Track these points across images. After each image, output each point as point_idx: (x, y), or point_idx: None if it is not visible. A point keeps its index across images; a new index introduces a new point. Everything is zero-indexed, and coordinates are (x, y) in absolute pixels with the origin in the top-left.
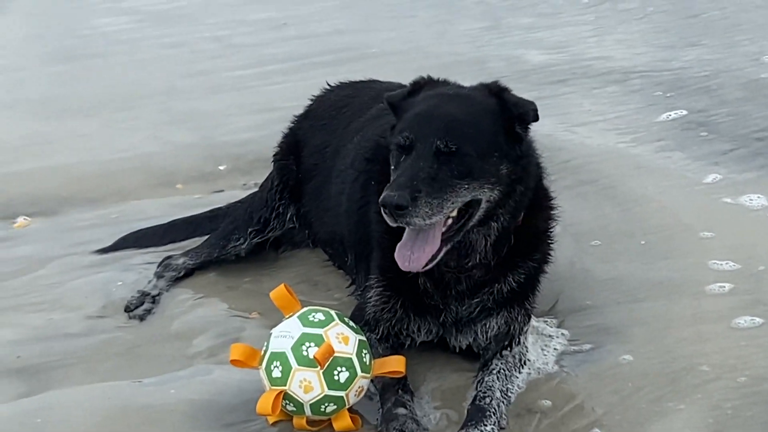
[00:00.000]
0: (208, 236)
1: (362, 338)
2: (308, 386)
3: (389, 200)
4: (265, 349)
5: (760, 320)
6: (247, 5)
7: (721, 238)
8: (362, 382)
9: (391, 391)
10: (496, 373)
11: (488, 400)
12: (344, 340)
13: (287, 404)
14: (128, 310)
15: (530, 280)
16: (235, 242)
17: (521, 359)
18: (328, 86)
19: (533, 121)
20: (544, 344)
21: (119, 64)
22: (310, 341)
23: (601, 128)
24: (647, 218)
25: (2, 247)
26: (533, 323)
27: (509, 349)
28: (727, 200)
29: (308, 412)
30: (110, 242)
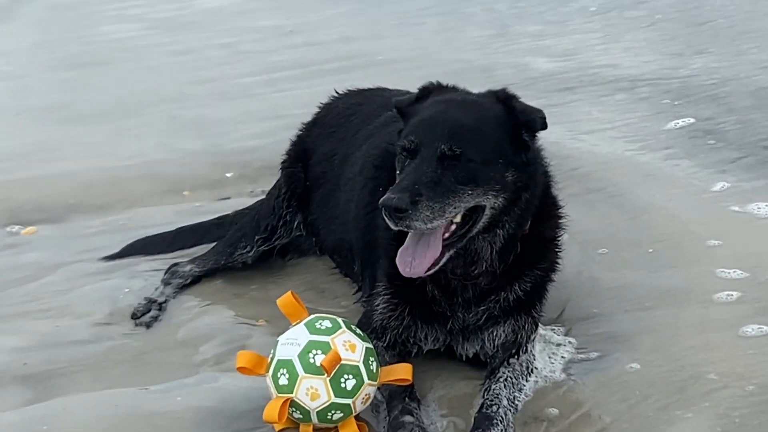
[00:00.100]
0: (215, 244)
1: (369, 346)
2: (315, 394)
3: (389, 202)
4: (271, 356)
5: (767, 329)
6: (254, 12)
7: (728, 246)
8: (369, 389)
9: (398, 398)
10: (503, 381)
11: (495, 408)
12: (351, 347)
13: (294, 412)
14: (135, 317)
15: (537, 288)
16: (242, 250)
17: (528, 367)
18: (336, 94)
19: (541, 129)
20: (551, 352)
21: (127, 71)
22: (317, 349)
23: (608, 136)
24: (655, 226)
25: (10, 253)
26: (540, 331)
27: (516, 357)
28: (735, 208)
29: (315, 419)
30: (117, 249)
